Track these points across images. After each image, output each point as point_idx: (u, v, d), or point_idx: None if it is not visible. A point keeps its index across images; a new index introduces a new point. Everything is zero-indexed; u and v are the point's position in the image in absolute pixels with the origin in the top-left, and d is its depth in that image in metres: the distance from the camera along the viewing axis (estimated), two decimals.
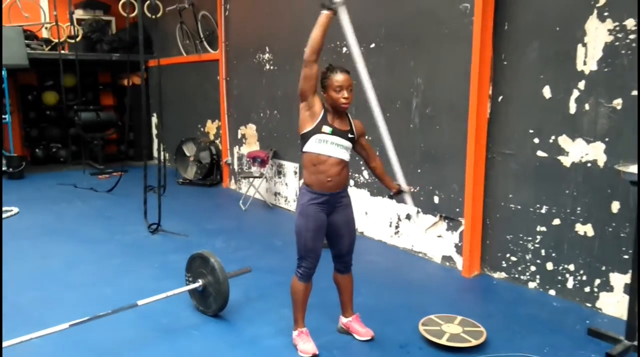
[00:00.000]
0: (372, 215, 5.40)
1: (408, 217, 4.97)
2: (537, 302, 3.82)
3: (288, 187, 6.76)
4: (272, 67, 6.86)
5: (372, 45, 5.17)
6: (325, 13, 2.81)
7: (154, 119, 10.68)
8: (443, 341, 3.12)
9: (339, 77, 2.87)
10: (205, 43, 8.39)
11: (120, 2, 6.31)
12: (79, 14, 10.45)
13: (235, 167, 8.01)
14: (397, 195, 3.26)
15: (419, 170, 4.76)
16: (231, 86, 7.84)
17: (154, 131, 10.81)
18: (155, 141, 10.87)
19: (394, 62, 4.95)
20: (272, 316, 3.67)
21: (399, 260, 4.82)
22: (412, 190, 3.28)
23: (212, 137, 8.68)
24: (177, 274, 4.32)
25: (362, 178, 5.50)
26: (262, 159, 6.78)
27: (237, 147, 7.90)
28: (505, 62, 4.05)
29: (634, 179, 2.89)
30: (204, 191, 8.12)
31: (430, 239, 4.74)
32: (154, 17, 7.00)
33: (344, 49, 5.56)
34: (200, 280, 3.65)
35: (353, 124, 3.01)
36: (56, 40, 9.40)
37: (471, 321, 3.36)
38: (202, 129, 8.94)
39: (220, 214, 6.68)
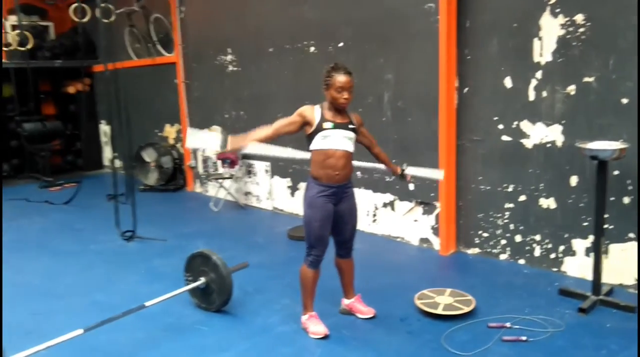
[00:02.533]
0: None
1: (385, 205, 5.31)
2: (510, 272, 4.26)
3: (260, 186, 6.94)
4: (235, 69, 7.00)
5: (341, 44, 5.46)
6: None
7: (103, 127, 10.48)
8: (439, 311, 3.46)
9: (341, 79, 3.10)
10: (159, 46, 8.37)
11: (72, 7, 6.21)
12: (12, 20, 9.96)
13: (200, 170, 8.07)
14: (401, 177, 3.58)
15: (393, 161, 5.03)
16: (191, 89, 7.89)
17: (103, 139, 10.62)
18: (106, 149, 10.68)
19: (364, 59, 5.25)
20: (274, 306, 3.87)
21: (379, 246, 5.15)
22: (410, 178, 3.63)
23: (172, 142, 8.68)
24: (167, 277, 4.45)
25: None
26: (231, 159, 6.92)
27: (200, 150, 7.96)
28: (469, 57, 4.45)
29: (594, 154, 3.34)
30: (169, 196, 8.12)
31: (407, 223, 5.10)
32: (107, 21, 6.94)
33: (312, 49, 5.81)
34: (202, 278, 3.79)
35: (351, 116, 3.26)
36: None
37: (460, 292, 3.73)
38: (159, 134, 8.90)
39: (193, 217, 6.75)
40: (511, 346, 3.09)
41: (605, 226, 3.80)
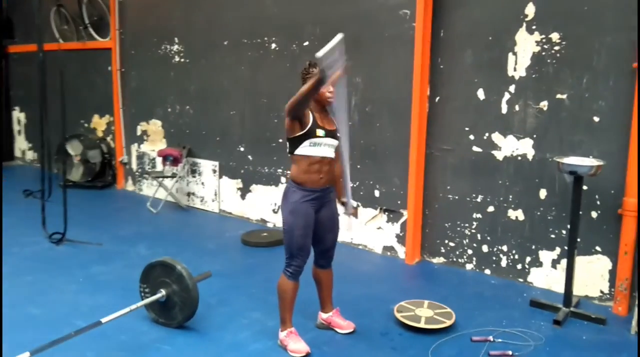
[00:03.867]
0: None
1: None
2: (477, 282, 4.30)
3: (205, 187, 6.56)
4: (183, 60, 6.56)
5: (306, 43, 5.26)
6: (318, 78, 2.67)
7: (17, 114, 9.51)
8: (422, 325, 3.39)
9: None
10: (90, 29, 7.67)
11: None
12: None
13: (134, 166, 7.52)
14: (343, 205, 3.29)
15: (358, 166, 4.98)
16: (128, 78, 7.31)
17: (16, 127, 9.63)
18: (18, 139, 9.69)
19: None
20: (242, 320, 3.62)
21: (342, 254, 4.91)
22: (351, 216, 3.27)
23: (100, 134, 8.01)
24: (110, 287, 4.09)
25: None
26: (175, 157, 6.48)
27: (136, 144, 7.41)
28: (441, 66, 4.44)
29: (573, 169, 3.42)
30: (96, 194, 7.49)
31: (371, 231, 5.01)
32: None
33: (273, 45, 5.56)
34: (162, 290, 3.45)
35: (335, 121, 3.11)
36: None
37: (438, 304, 3.69)
38: (86, 125, 8.19)
39: (129, 219, 6.24)
40: None
41: None
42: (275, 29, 5.53)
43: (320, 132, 2.97)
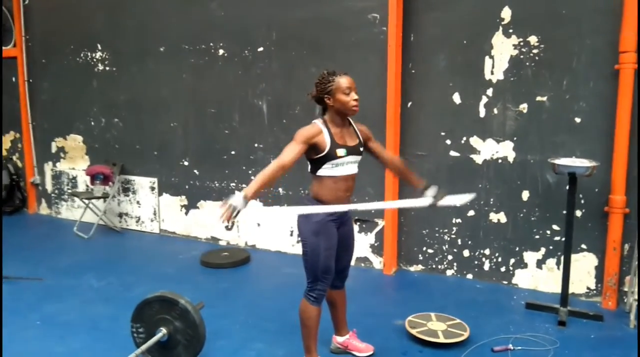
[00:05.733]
0: (267, 226, 5.14)
1: None
2: (462, 288, 4.22)
3: (141, 206, 5.90)
4: (108, 68, 5.87)
5: (261, 49, 4.91)
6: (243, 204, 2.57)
7: None
8: (442, 339, 3.22)
9: (346, 79, 2.70)
10: None
11: None
12: None
13: (49, 187, 6.60)
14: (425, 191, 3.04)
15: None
16: (38, 90, 6.43)
17: None
18: None
19: (290, 67, 4.78)
20: (248, 353, 3.24)
21: None
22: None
23: (4, 153, 6.95)
24: (78, 328, 3.53)
25: None
26: (105, 175, 5.76)
27: (50, 163, 6.52)
28: (413, 71, 4.33)
29: (572, 171, 3.45)
30: (7, 221, 6.47)
31: None
32: None
33: (221, 51, 5.13)
34: (162, 328, 2.96)
35: (358, 131, 2.85)
36: None
37: (445, 315, 3.55)
38: None
39: (59, 247, 5.44)
40: None
41: (557, 238, 4.00)
42: (222, 33, 5.10)
43: (340, 151, 2.68)
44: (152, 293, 2.97)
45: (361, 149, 2.81)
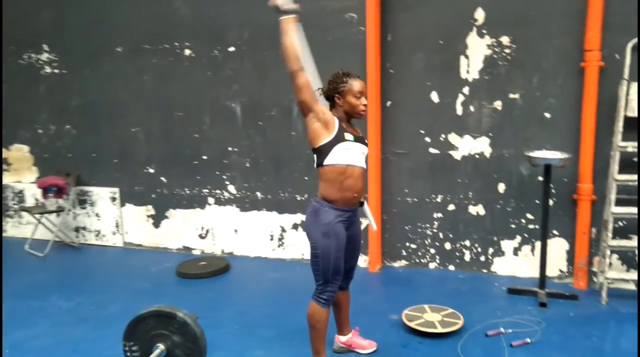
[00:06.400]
0: (245, 232, 5.06)
1: (295, 227, 4.89)
2: (446, 279, 4.41)
3: (101, 219, 5.58)
4: (57, 71, 5.49)
5: (232, 49, 4.81)
6: (285, 18, 2.66)
7: None
8: (440, 329, 3.36)
9: (358, 83, 2.77)
10: None
11: None
12: None
13: None
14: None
15: (306, 178, 4.73)
16: None
17: None
18: None
19: (264, 67, 4.73)
20: None
21: (297, 271, 4.71)
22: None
23: None
24: (54, 354, 3.32)
25: (226, 194, 5.06)
26: (59, 187, 5.38)
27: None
28: (391, 71, 4.44)
29: (548, 162, 3.72)
30: None
31: None
32: None
33: (187, 51, 4.97)
34: (160, 344, 2.84)
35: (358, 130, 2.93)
36: None
37: (438, 306, 3.69)
38: None
39: (13, 268, 4.99)
40: (525, 350, 3.17)
41: (532, 226, 4.28)
42: (188, 32, 4.94)
43: (348, 136, 2.74)
44: (145, 309, 2.83)
45: (366, 141, 2.87)
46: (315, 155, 2.75)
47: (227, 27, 4.80)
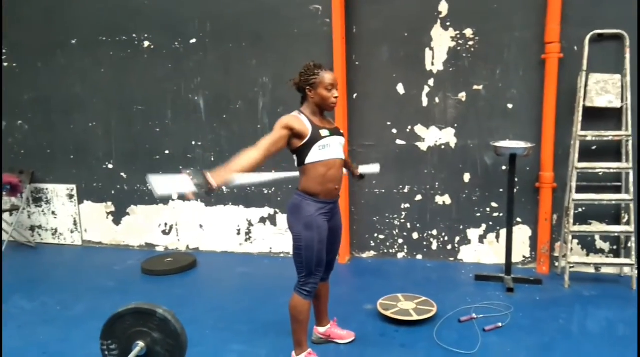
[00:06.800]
0: (211, 227, 4.97)
1: (263, 220, 4.84)
2: (415, 268, 4.47)
3: (58, 217, 5.36)
4: (7, 64, 5.22)
5: (194, 41, 4.68)
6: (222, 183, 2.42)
7: None
8: (415, 317, 3.41)
9: (330, 76, 2.75)
10: None
11: None
12: None
13: None
14: (360, 178, 3.42)
15: (273, 171, 4.67)
16: None
17: None
18: None
19: (227, 60, 4.63)
20: (231, 355, 3.15)
21: (266, 265, 4.68)
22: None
23: None
24: (23, 354, 3.19)
25: None
26: (13, 185, 5.12)
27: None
28: (357, 63, 4.44)
29: (513, 152, 3.82)
30: None
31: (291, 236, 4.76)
32: None
33: (146, 43, 4.81)
34: (139, 342, 2.77)
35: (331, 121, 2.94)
36: None
37: (411, 295, 3.74)
38: None
39: None
40: (497, 334, 3.26)
41: (496, 214, 4.39)
42: (147, 23, 4.78)
43: (324, 132, 2.74)
44: (123, 306, 2.75)
45: (341, 131, 2.88)
46: (294, 156, 2.74)
47: (188, 18, 4.67)
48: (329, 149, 2.72)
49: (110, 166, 5.14)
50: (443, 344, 3.14)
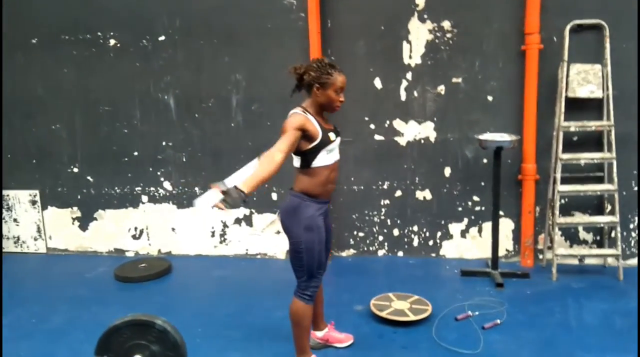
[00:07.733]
0: (184, 230, 4.77)
1: (238, 221, 4.67)
2: (396, 265, 4.38)
3: (20, 224, 5.07)
4: None
5: (162, 38, 4.48)
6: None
7: None
8: (412, 317, 3.31)
9: (343, 79, 2.65)
10: None
11: None
12: None
13: None
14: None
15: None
16: None
17: None
18: None
19: (199, 57, 4.45)
20: None
21: (245, 268, 4.51)
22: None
23: None
24: None
25: (161, 191, 4.74)
26: None
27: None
28: (332, 57, 4.31)
29: (499, 145, 3.76)
30: None
31: (268, 238, 4.62)
32: None
33: (112, 41, 4.59)
34: (138, 356, 2.61)
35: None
36: None
37: (402, 294, 3.64)
38: None
39: None
40: (496, 331, 3.21)
41: (478, 208, 4.33)
42: (112, 21, 4.54)
43: (332, 136, 2.66)
44: (119, 318, 2.58)
45: (339, 129, 2.81)
46: (299, 157, 2.63)
47: (156, 14, 4.46)
48: (334, 153, 2.70)
49: (76, 170, 4.88)
50: (445, 344, 3.08)
